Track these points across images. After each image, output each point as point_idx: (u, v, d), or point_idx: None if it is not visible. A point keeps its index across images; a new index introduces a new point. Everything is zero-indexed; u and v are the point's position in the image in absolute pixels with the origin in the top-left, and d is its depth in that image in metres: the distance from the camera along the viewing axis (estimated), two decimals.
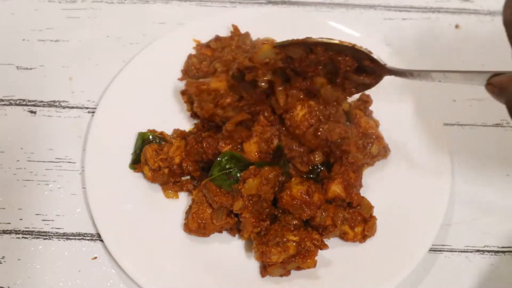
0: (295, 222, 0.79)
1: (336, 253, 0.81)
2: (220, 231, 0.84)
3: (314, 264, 0.77)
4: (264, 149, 0.81)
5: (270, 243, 0.77)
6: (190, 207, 0.84)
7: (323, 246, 0.78)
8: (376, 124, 0.91)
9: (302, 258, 0.76)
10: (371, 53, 0.76)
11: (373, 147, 0.86)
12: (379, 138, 0.87)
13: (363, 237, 0.82)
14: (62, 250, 0.84)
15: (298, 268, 0.79)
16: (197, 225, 0.81)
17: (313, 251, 0.77)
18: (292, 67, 0.79)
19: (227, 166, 0.80)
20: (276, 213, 0.81)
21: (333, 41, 0.76)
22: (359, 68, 0.78)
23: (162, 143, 0.87)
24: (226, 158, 0.80)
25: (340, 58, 0.76)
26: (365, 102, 0.91)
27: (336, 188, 0.80)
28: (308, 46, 0.76)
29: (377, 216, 0.83)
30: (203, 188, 0.81)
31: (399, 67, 0.79)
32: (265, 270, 0.78)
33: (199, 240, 0.83)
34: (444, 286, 0.83)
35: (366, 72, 0.78)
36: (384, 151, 0.88)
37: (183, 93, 0.92)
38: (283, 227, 0.78)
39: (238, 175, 0.79)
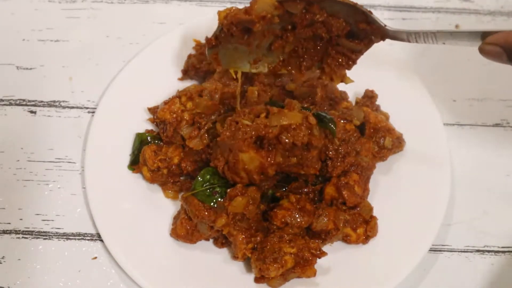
0: (294, 231, 0.78)
1: (335, 255, 0.81)
2: (207, 239, 0.83)
3: (314, 273, 0.77)
4: None
5: (267, 260, 0.75)
6: (179, 212, 0.83)
7: (321, 255, 0.77)
8: (386, 116, 0.90)
9: (301, 268, 0.76)
10: (371, 13, 0.72)
11: (386, 141, 0.86)
12: (390, 130, 0.87)
13: (366, 238, 0.82)
14: (62, 250, 0.84)
15: (299, 277, 0.78)
16: (185, 231, 0.81)
17: (312, 260, 0.77)
18: (289, 26, 0.75)
19: (210, 181, 0.79)
20: (266, 225, 0.80)
21: None
22: (349, 33, 0.74)
23: (161, 143, 0.87)
24: (209, 174, 0.79)
25: (333, 21, 0.73)
26: (371, 97, 0.91)
27: (329, 190, 0.81)
28: (307, 2, 0.73)
29: (377, 217, 0.83)
30: (184, 201, 0.80)
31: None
32: (261, 278, 0.78)
33: None
34: (444, 286, 0.83)
35: (357, 37, 0.74)
36: (398, 142, 0.87)
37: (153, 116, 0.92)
38: (279, 238, 0.77)
39: (224, 191, 0.78)
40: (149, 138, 0.88)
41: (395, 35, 0.72)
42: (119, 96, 0.92)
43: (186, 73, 0.96)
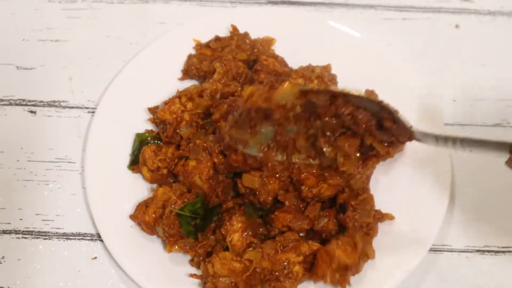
0: (294, 237, 0.78)
1: None
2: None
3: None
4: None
5: (280, 278, 0.74)
6: (151, 199, 0.83)
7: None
8: None
9: (310, 272, 0.76)
10: (398, 112, 0.70)
11: None
12: None
13: None
14: (62, 250, 0.84)
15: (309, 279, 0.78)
16: (153, 221, 0.81)
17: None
18: (313, 116, 0.73)
19: (198, 211, 0.79)
20: (267, 228, 0.80)
21: (356, 94, 0.70)
22: (381, 126, 0.73)
23: (160, 143, 0.87)
24: (200, 202, 0.79)
25: (359, 113, 0.71)
26: None
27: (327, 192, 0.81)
28: (332, 95, 0.70)
29: None
30: (166, 218, 0.78)
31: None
32: None
33: None
34: (444, 286, 0.83)
35: (388, 132, 0.73)
36: None
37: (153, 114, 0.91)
38: (283, 248, 0.76)
39: (200, 226, 0.79)
40: (149, 138, 0.88)
41: (422, 137, 0.70)
42: (119, 96, 0.92)
43: (186, 73, 0.96)
